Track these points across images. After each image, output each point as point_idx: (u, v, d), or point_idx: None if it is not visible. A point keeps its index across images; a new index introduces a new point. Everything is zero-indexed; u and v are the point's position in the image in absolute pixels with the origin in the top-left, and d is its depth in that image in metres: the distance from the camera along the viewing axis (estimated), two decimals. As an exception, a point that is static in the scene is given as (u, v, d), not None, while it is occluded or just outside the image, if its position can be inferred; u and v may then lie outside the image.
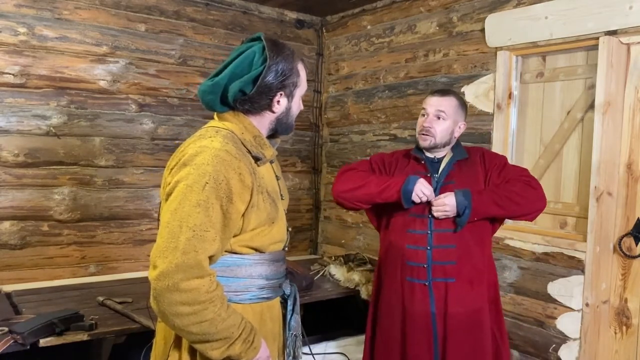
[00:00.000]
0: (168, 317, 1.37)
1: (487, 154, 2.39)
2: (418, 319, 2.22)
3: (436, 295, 2.21)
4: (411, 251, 2.24)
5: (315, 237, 4.40)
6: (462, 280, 2.22)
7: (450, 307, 2.21)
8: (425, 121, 2.26)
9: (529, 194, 2.20)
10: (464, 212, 2.15)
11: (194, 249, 1.36)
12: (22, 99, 3.12)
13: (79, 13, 3.27)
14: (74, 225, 3.32)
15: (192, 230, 1.37)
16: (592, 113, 2.63)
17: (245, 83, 1.52)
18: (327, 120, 4.29)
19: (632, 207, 2.58)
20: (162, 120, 3.59)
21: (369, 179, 2.27)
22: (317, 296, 3.06)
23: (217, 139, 1.48)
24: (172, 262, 1.34)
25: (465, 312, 2.22)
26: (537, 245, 2.82)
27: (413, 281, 2.23)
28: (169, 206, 1.41)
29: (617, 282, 2.63)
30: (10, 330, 2.17)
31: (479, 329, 2.24)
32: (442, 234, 2.22)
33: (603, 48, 2.53)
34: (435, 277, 2.21)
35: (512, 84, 2.98)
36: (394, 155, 2.44)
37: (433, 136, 2.25)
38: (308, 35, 4.25)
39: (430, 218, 2.22)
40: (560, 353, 2.73)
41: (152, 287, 1.36)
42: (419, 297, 2.22)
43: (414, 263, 2.23)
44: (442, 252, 2.22)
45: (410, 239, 2.24)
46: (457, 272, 2.22)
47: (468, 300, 2.23)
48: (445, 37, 3.31)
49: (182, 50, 3.63)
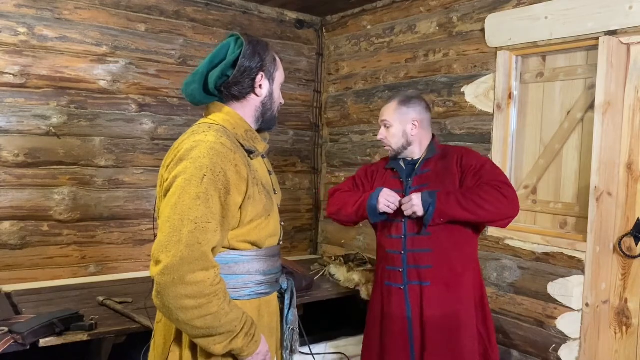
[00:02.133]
0: (172, 311, 1.37)
1: (467, 155, 2.31)
2: (394, 322, 2.28)
3: (411, 299, 2.24)
4: (389, 255, 2.32)
5: (315, 237, 4.40)
6: (437, 283, 2.23)
7: (425, 310, 2.23)
8: (379, 134, 2.37)
9: (498, 200, 2.13)
10: (428, 209, 2.15)
11: (198, 241, 1.37)
12: (22, 99, 3.12)
13: (79, 13, 3.27)
14: (74, 225, 3.32)
15: (194, 223, 1.37)
16: (592, 113, 2.63)
17: (225, 66, 1.56)
18: (327, 120, 4.29)
19: (632, 207, 2.58)
20: (162, 120, 3.59)
21: (346, 200, 2.36)
22: (317, 296, 3.06)
23: (211, 133, 1.50)
24: (177, 255, 1.35)
25: (442, 315, 2.22)
26: (537, 245, 2.82)
27: (390, 285, 2.31)
28: (169, 201, 1.41)
29: (617, 282, 2.63)
30: (10, 330, 2.17)
31: (457, 331, 2.23)
32: (416, 238, 2.25)
33: (603, 48, 2.53)
34: (410, 280, 2.25)
35: (512, 84, 2.98)
36: (377, 164, 2.53)
37: (389, 145, 2.34)
38: (308, 35, 4.25)
39: (404, 222, 2.26)
40: (560, 353, 2.73)
41: (155, 282, 1.37)
42: (396, 300, 2.28)
43: (391, 267, 2.31)
44: (417, 256, 2.25)
45: (388, 243, 2.33)
46: (432, 275, 2.23)
47: (444, 303, 2.23)
48: (445, 37, 3.31)
49: (182, 50, 3.63)
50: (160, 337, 1.59)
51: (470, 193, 2.15)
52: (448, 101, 3.26)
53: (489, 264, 3.03)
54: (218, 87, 1.58)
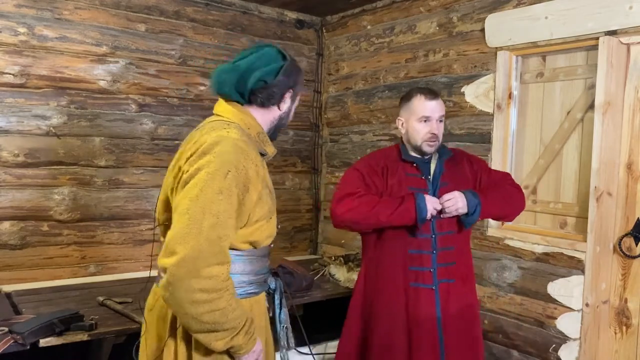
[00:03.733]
0: (182, 304, 1.36)
1: (471, 156, 2.46)
2: (423, 323, 2.21)
3: (441, 298, 2.22)
4: (414, 255, 2.22)
5: (315, 237, 4.40)
6: (459, 279, 2.27)
7: (451, 308, 2.23)
8: (434, 128, 2.22)
9: (520, 197, 2.34)
10: (474, 211, 2.16)
11: (218, 235, 1.38)
12: (22, 99, 3.12)
13: (79, 13, 3.27)
14: (74, 225, 3.32)
15: (216, 217, 1.38)
16: (592, 113, 2.63)
17: (267, 72, 1.59)
18: (327, 120, 4.29)
19: (632, 207, 2.58)
20: (162, 120, 3.59)
21: (375, 209, 2.14)
22: (317, 296, 3.06)
23: (232, 130, 1.52)
24: (195, 247, 1.35)
25: (461, 309, 2.26)
26: (537, 245, 2.82)
27: (418, 286, 2.22)
28: (189, 193, 1.41)
29: (617, 282, 2.63)
30: (10, 330, 2.17)
31: (473, 323, 2.32)
32: (444, 237, 2.23)
33: (603, 48, 2.53)
34: (440, 279, 2.22)
35: (512, 84, 2.98)
36: (380, 160, 2.33)
37: (438, 141, 2.26)
38: (308, 35, 4.25)
39: (432, 221, 2.21)
40: (560, 353, 2.73)
41: (168, 274, 1.36)
42: (425, 301, 2.21)
43: (418, 268, 2.22)
44: (445, 254, 2.24)
45: (413, 244, 2.22)
46: (456, 272, 2.25)
47: (463, 297, 2.27)
48: (445, 37, 3.31)
49: (182, 50, 3.63)
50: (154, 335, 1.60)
51: (501, 192, 2.28)
52: (448, 101, 3.26)
53: (489, 264, 3.03)
54: (253, 89, 1.60)
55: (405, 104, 2.30)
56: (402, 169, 2.28)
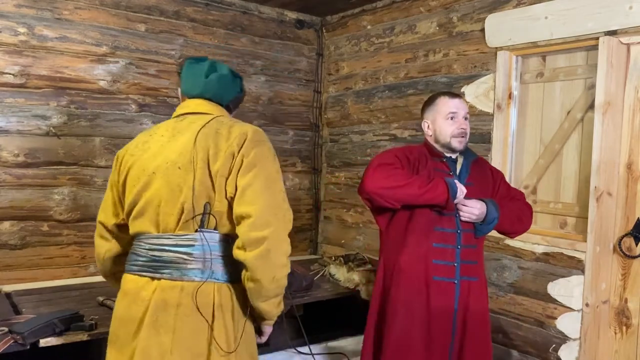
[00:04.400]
0: (275, 269, 1.61)
1: (491, 166, 2.55)
2: (440, 316, 2.24)
3: (461, 294, 2.24)
4: (439, 249, 2.24)
5: (315, 237, 4.40)
6: (480, 279, 2.31)
7: (471, 305, 2.25)
8: (462, 124, 2.28)
9: (529, 217, 2.42)
10: (491, 222, 2.23)
11: (288, 207, 1.69)
12: (22, 99, 3.12)
13: (79, 13, 3.27)
14: (74, 225, 3.32)
15: (283, 192, 1.69)
16: (592, 113, 2.63)
17: (239, 85, 1.91)
18: (327, 120, 4.29)
19: (632, 207, 2.58)
20: (162, 120, 3.56)
21: (410, 180, 2.18)
22: (317, 296, 3.06)
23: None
24: (286, 217, 1.66)
25: (480, 310, 2.28)
26: (537, 245, 2.82)
27: (441, 280, 2.23)
28: (258, 175, 1.63)
29: (617, 282, 2.63)
30: (10, 330, 2.17)
31: (487, 325, 2.35)
32: (467, 234, 2.26)
33: (603, 48, 2.53)
34: (462, 275, 2.24)
35: (512, 84, 2.98)
36: (416, 151, 2.37)
37: (466, 137, 2.31)
38: (308, 35, 4.25)
39: (457, 216, 2.24)
40: (560, 353, 2.73)
41: (267, 242, 1.58)
42: (445, 295, 2.24)
43: (442, 261, 2.24)
44: (468, 252, 2.27)
45: (438, 237, 2.24)
46: (477, 271, 2.29)
47: (482, 298, 2.31)
48: (445, 37, 3.31)
49: (182, 50, 3.63)
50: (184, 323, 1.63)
51: (516, 209, 2.36)
52: (448, 101, 3.26)
53: (489, 264, 3.03)
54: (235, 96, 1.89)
55: (430, 107, 2.36)
56: (431, 164, 2.31)
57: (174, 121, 1.82)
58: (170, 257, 1.66)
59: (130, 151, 1.82)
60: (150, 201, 1.70)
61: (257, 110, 4.00)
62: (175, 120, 1.81)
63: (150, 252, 1.69)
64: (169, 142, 1.74)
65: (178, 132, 1.75)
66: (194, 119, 1.77)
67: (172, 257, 1.66)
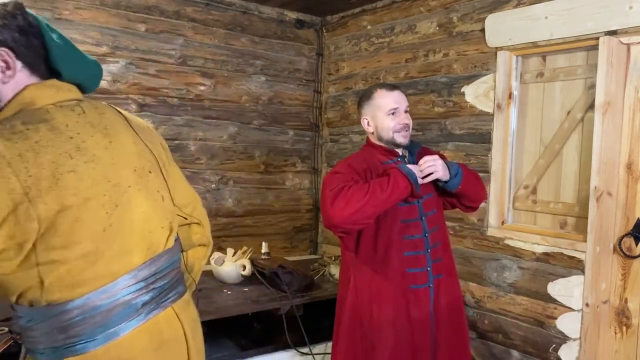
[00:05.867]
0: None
1: (432, 150, 2.50)
2: (421, 322, 2.22)
3: (435, 295, 2.25)
4: (411, 257, 2.21)
5: (315, 237, 4.40)
6: (446, 273, 2.30)
7: (442, 302, 2.26)
8: (404, 118, 2.25)
9: (481, 181, 2.39)
10: (457, 173, 2.19)
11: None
12: (22, 99, 3.12)
13: (79, 13, 3.27)
14: (74, 225, 3.31)
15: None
16: (592, 113, 2.63)
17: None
18: (327, 120, 4.29)
19: (632, 207, 2.58)
20: (162, 120, 3.59)
21: (370, 189, 2.05)
22: (317, 296, 3.06)
23: None
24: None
25: (449, 302, 2.28)
26: (537, 245, 2.82)
27: (418, 288, 2.21)
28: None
29: (617, 282, 2.63)
30: (10, 330, 2.17)
31: (459, 314, 2.35)
32: (433, 234, 2.26)
33: (603, 48, 2.53)
34: (434, 275, 2.25)
35: (512, 84, 2.98)
36: (361, 162, 2.28)
37: (410, 130, 2.28)
38: (308, 35, 4.25)
39: (422, 220, 2.24)
40: (560, 353, 2.73)
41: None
42: (422, 300, 2.23)
43: (416, 269, 2.21)
44: (435, 251, 2.27)
45: (409, 245, 2.21)
46: (443, 267, 2.29)
47: (450, 290, 2.30)
48: (445, 37, 3.31)
49: (182, 50, 3.63)
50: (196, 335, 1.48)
51: (467, 168, 2.32)
52: (448, 101, 3.26)
53: (488, 264, 3.03)
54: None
55: (367, 102, 2.28)
56: (379, 163, 2.27)
57: (76, 114, 1.29)
58: (171, 276, 1.38)
59: (61, 166, 1.17)
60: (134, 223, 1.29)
61: (257, 110, 4.00)
62: (77, 113, 1.29)
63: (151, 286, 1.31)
64: (114, 143, 1.31)
65: (104, 127, 1.32)
66: (99, 104, 1.40)
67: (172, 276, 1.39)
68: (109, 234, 1.23)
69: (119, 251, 1.25)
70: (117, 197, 1.25)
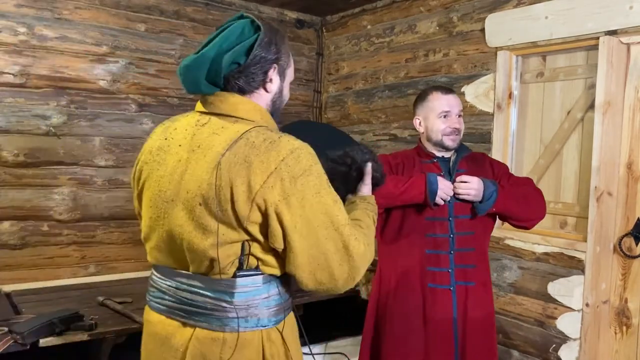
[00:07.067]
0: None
1: (493, 159, 2.41)
2: (439, 324, 2.18)
3: (458, 300, 2.18)
4: (432, 256, 2.19)
5: (315, 237, 4.40)
6: (479, 283, 2.21)
7: (470, 312, 2.19)
8: (456, 122, 2.20)
9: (540, 200, 2.21)
10: (490, 197, 2.11)
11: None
12: (22, 99, 3.12)
13: (79, 13, 3.27)
14: (74, 225, 3.32)
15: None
16: (592, 113, 2.63)
17: (238, 53, 1.31)
18: (327, 120, 4.29)
19: (632, 207, 2.58)
20: (162, 120, 3.50)
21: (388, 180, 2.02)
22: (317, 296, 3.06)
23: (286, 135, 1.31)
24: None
25: (482, 316, 2.21)
26: (537, 245, 2.82)
27: (436, 287, 2.18)
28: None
29: (617, 282, 2.62)
30: (10, 330, 2.17)
31: (491, 331, 2.27)
32: (462, 237, 2.19)
33: (603, 48, 2.53)
34: (457, 281, 2.18)
35: (512, 84, 2.98)
36: (397, 157, 2.31)
37: (460, 135, 2.22)
38: (308, 35, 4.25)
39: (450, 221, 2.18)
40: (560, 353, 2.73)
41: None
42: (441, 302, 2.18)
43: (435, 268, 2.18)
44: (463, 256, 2.19)
45: (430, 244, 2.19)
46: (476, 275, 2.20)
47: (484, 304, 2.23)
48: (445, 37, 3.31)
49: (182, 50, 3.63)
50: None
51: (520, 189, 2.20)
52: (448, 101, 3.26)
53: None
54: (226, 76, 1.33)
55: (422, 103, 2.28)
56: (419, 167, 2.24)
57: (195, 122, 1.36)
58: (206, 303, 1.30)
59: (145, 157, 1.46)
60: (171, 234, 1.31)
61: (257, 110, 4.00)
62: (196, 121, 1.36)
63: (179, 293, 1.33)
64: (188, 162, 1.30)
65: (197, 146, 1.31)
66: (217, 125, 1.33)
67: (207, 303, 1.30)
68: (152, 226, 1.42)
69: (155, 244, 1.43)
70: (159, 202, 1.39)
